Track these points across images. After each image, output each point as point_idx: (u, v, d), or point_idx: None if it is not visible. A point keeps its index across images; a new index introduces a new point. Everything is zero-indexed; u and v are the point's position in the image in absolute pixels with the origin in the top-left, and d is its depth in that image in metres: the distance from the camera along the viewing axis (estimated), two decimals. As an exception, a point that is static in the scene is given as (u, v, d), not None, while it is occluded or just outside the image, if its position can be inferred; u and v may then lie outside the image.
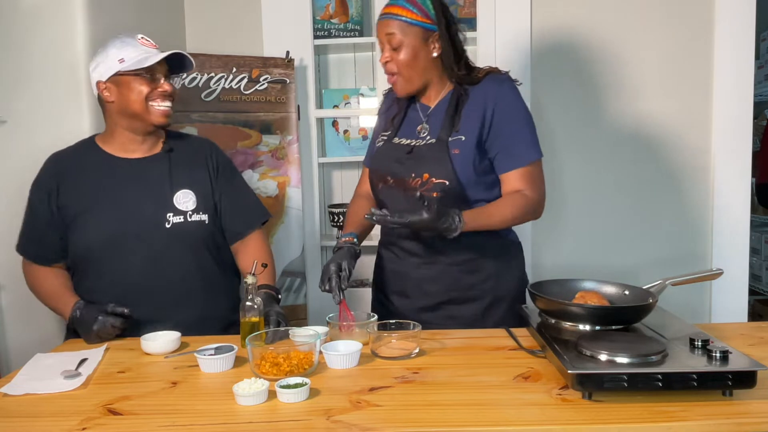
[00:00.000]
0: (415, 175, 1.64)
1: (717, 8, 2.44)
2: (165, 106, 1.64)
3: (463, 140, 1.62)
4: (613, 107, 2.52)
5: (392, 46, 1.61)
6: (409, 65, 1.62)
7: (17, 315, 1.93)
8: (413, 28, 1.59)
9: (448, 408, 1.10)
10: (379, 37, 1.64)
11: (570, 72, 2.52)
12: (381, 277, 1.81)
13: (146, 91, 1.61)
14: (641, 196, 2.55)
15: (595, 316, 1.33)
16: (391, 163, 1.70)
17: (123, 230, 1.62)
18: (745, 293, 2.52)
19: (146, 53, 1.61)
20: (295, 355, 1.26)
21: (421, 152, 1.66)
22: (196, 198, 1.69)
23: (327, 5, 2.68)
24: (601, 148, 2.54)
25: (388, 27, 1.60)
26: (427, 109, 1.72)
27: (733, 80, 2.44)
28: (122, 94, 1.62)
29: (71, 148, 1.74)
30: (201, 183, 1.72)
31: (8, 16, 1.87)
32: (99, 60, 1.64)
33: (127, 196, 1.65)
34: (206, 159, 1.77)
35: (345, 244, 1.65)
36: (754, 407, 1.07)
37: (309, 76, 2.64)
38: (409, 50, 1.61)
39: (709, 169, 2.52)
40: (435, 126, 1.68)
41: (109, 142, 1.70)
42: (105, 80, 1.62)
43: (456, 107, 1.66)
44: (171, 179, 1.69)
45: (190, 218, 1.67)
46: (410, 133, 1.72)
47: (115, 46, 1.62)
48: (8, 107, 1.88)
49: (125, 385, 1.25)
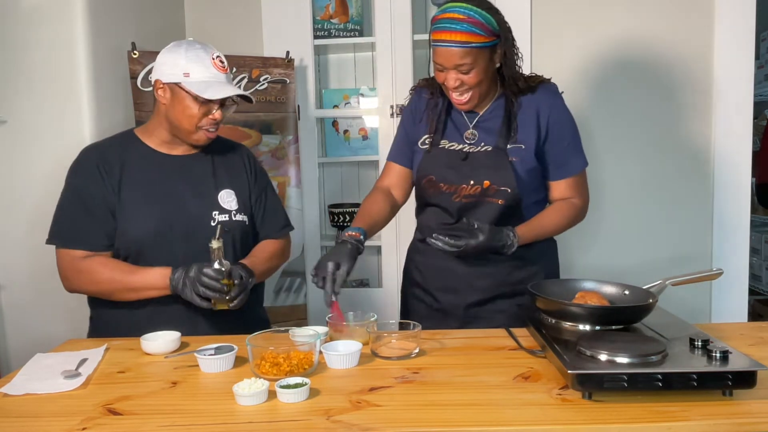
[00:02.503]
0: (474, 183, 1.64)
1: (717, 8, 2.44)
2: (210, 131, 1.63)
3: (522, 148, 1.64)
4: (613, 107, 2.52)
5: (462, 71, 1.55)
6: (480, 84, 1.59)
7: (17, 315, 1.93)
8: (482, 50, 1.54)
9: (448, 408, 1.10)
10: (442, 63, 1.56)
11: (569, 72, 2.52)
12: (422, 272, 1.78)
13: (198, 116, 1.59)
14: (641, 196, 2.55)
15: (595, 316, 1.33)
16: (444, 169, 1.68)
17: (170, 224, 1.60)
18: (745, 293, 2.52)
19: (213, 79, 1.57)
20: (295, 355, 1.26)
21: (479, 159, 1.65)
22: (237, 199, 1.71)
23: (327, 5, 2.68)
24: (600, 149, 2.54)
25: (457, 58, 1.52)
26: (475, 116, 1.70)
27: (733, 80, 2.44)
28: (174, 106, 1.59)
29: (110, 140, 1.70)
30: (241, 185, 1.74)
31: (8, 16, 1.88)
32: (167, 59, 1.58)
33: (175, 191, 1.64)
34: (245, 163, 1.79)
35: (350, 240, 1.60)
36: (754, 407, 1.07)
37: (309, 76, 2.64)
38: (481, 70, 1.56)
39: (709, 169, 2.52)
40: (486, 133, 1.67)
41: (150, 137, 1.67)
42: (164, 82, 1.58)
43: (510, 115, 1.65)
44: (215, 178, 1.70)
45: (234, 218, 1.68)
46: (457, 138, 1.70)
47: (187, 56, 1.57)
48: (8, 107, 1.88)
49: (125, 385, 1.25)
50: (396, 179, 1.82)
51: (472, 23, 1.50)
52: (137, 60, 2.20)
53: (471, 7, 1.51)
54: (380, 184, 1.84)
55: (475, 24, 1.51)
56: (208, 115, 1.59)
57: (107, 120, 2.02)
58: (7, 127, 1.89)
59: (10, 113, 1.89)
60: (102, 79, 2.00)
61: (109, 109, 2.05)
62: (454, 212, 1.69)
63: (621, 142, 2.53)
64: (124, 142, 1.68)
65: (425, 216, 1.78)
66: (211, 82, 1.57)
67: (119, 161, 1.63)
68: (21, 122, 1.90)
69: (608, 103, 2.52)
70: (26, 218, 1.91)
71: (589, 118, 2.52)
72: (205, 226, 1.63)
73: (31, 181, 1.90)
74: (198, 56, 1.57)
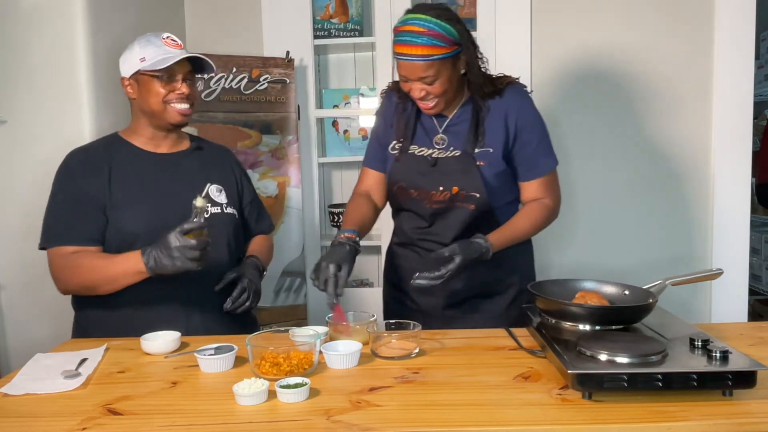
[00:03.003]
0: (443, 189, 1.65)
1: (717, 8, 2.44)
2: (182, 107, 1.65)
3: (490, 152, 1.65)
4: (613, 107, 2.52)
5: (426, 82, 1.56)
6: (446, 92, 1.60)
7: (17, 315, 1.93)
8: (445, 60, 1.54)
9: (448, 408, 1.10)
10: (406, 75, 1.57)
11: (570, 71, 2.52)
12: (399, 275, 1.79)
13: (163, 93, 1.62)
14: (641, 196, 2.55)
15: (595, 316, 1.33)
16: (413, 175, 1.68)
17: (164, 218, 1.60)
18: (745, 293, 2.52)
19: (167, 54, 1.61)
20: (295, 355, 1.26)
21: (448, 165, 1.65)
22: (226, 194, 1.74)
23: (327, 5, 2.68)
24: (600, 149, 2.54)
25: (420, 71, 1.53)
26: (444, 120, 1.70)
27: (733, 80, 2.44)
28: (142, 93, 1.64)
29: (95, 143, 1.73)
30: (229, 183, 1.78)
31: (8, 16, 1.87)
32: (125, 56, 1.65)
33: (165, 187, 1.66)
34: (231, 165, 1.84)
35: (347, 241, 1.60)
36: (754, 407, 1.07)
37: (309, 76, 2.64)
38: (445, 80, 1.57)
39: (709, 169, 2.52)
40: (455, 137, 1.68)
41: (134, 137, 1.70)
42: (128, 77, 1.64)
43: (478, 119, 1.66)
44: (204, 174, 1.72)
45: (225, 210, 1.71)
46: (427, 143, 1.70)
47: (140, 44, 1.63)
48: (8, 107, 1.88)
49: (125, 385, 1.25)
50: (373, 184, 1.82)
51: (432, 36, 1.50)
52: (137, 60, 2.19)
53: (430, 19, 1.51)
54: (359, 190, 1.84)
55: (435, 36, 1.50)
56: (174, 91, 1.63)
57: (107, 120, 2.02)
58: (7, 127, 1.88)
59: (10, 113, 1.88)
60: (102, 79, 2.00)
61: (109, 109, 2.05)
62: (427, 217, 1.70)
63: (621, 141, 2.53)
64: (109, 143, 1.71)
65: (400, 220, 1.79)
66: (165, 57, 1.60)
67: (107, 161, 1.64)
68: (21, 122, 1.90)
69: (608, 102, 2.52)
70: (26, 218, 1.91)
71: (590, 117, 2.53)
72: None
73: (31, 180, 1.90)
74: (149, 41, 1.63)
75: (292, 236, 2.58)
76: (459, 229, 1.68)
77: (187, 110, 1.67)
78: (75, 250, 1.58)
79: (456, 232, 1.68)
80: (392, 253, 1.84)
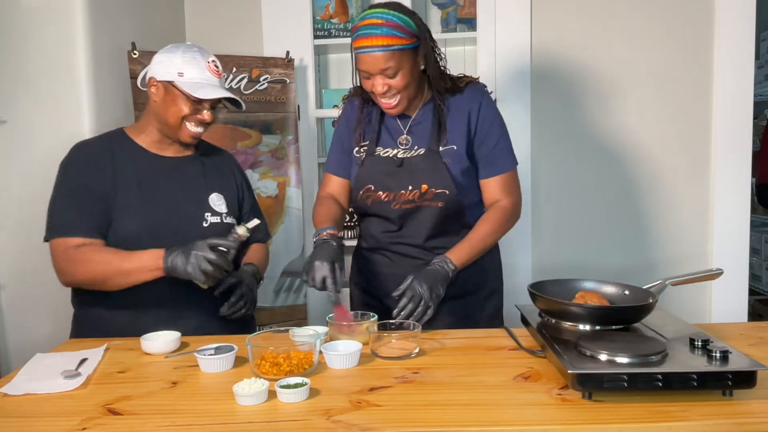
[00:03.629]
0: (412, 188, 1.65)
1: (717, 8, 2.44)
2: (197, 130, 1.65)
3: (454, 149, 1.66)
4: (613, 107, 2.53)
5: (388, 75, 1.56)
6: (407, 87, 1.60)
7: (17, 315, 1.93)
8: (405, 52, 1.55)
9: (448, 408, 1.10)
10: (367, 69, 1.57)
11: (570, 70, 2.52)
12: (369, 280, 1.79)
13: (186, 112, 1.61)
14: (642, 196, 2.55)
15: (595, 316, 1.33)
16: (381, 177, 1.69)
17: (165, 223, 1.61)
18: (745, 293, 2.52)
19: (207, 81, 1.60)
20: (295, 355, 1.26)
21: (414, 164, 1.66)
22: (226, 202, 1.73)
23: (327, 5, 2.68)
24: (600, 148, 2.54)
25: (381, 62, 1.54)
26: (408, 120, 1.71)
27: (733, 80, 2.44)
28: (165, 102, 1.62)
29: (100, 137, 1.72)
30: (230, 190, 1.77)
31: (8, 16, 1.88)
32: (163, 59, 1.62)
33: (167, 191, 1.65)
34: (232, 170, 1.83)
35: (331, 238, 1.60)
36: (754, 407, 1.07)
37: (309, 76, 2.64)
38: (406, 73, 1.57)
39: (709, 169, 2.52)
40: (419, 136, 1.69)
41: (141, 136, 1.69)
42: (158, 80, 1.62)
43: (440, 117, 1.67)
44: (206, 181, 1.72)
45: (224, 220, 1.70)
46: (391, 144, 1.71)
47: (184, 58, 1.60)
48: (8, 107, 1.88)
49: (125, 385, 1.25)
50: (337, 189, 1.82)
51: (392, 26, 1.52)
52: (137, 60, 2.19)
53: (389, 12, 1.54)
54: (323, 194, 1.83)
55: (395, 27, 1.52)
56: (196, 114, 1.62)
57: (107, 120, 2.02)
58: (7, 127, 1.88)
59: (10, 113, 1.88)
60: (102, 79, 2.00)
61: (109, 109, 2.05)
62: (395, 219, 1.70)
63: (621, 141, 2.53)
64: (115, 139, 1.69)
65: (367, 224, 1.79)
66: (204, 83, 1.60)
67: (111, 157, 1.63)
68: (20, 122, 1.90)
69: (608, 102, 2.52)
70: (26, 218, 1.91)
71: (590, 117, 2.53)
72: (197, 227, 1.65)
73: (31, 180, 1.90)
74: (194, 58, 1.61)
75: (292, 236, 2.58)
76: (429, 229, 1.68)
77: (200, 134, 1.67)
78: (81, 242, 1.56)
79: (427, 232, 1.69)
80: (361, 257, 1.83)
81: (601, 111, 2.53)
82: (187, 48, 1.63)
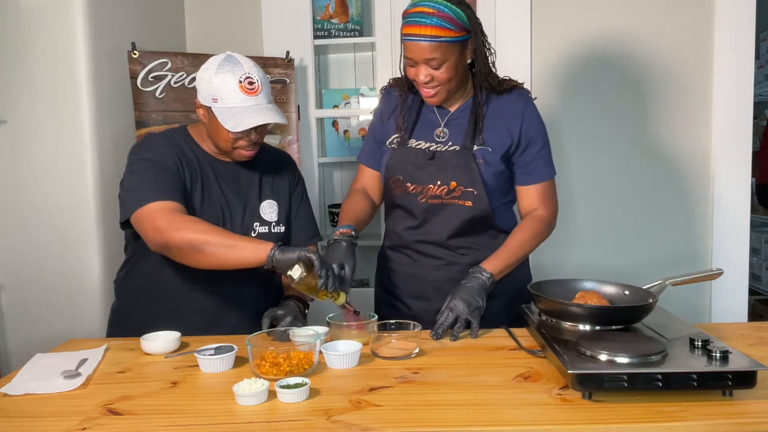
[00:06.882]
0: (441, 183, 1.64)
1: (717, 8, 2.44)
2: (248, 153, 1.61)
3: (489, 151, 1.64)
4: (613, 107, 2.52)
5: (432, 66, 1.54)
6: (451, 80, 1.58)
7: (17, 315, 1.93)
8: (452, 45, 1.52)
9: (448, 408, 1.10)
10: (413, 57, 1.54)
11: (569, 70, 2.52)
12: (391, 280, 1.78)
13: (232, 139, 1.57)
14: (641, 197, 2.55)
15: (595, 316, 1.33)
16: (411, 169, 1.67)
17: None
18: (745, 293, 2.52)
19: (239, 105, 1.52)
20: (295, 355, 1.26)
21: (446, 159, 1.64)
22: (278, 209, 1.71)
23: (327, 5, 2.68)
24: (600, 148, 2.54)
25: (427, 52, 1.51)
26: (446, 113, 1.69)
27: (733, 80, 2.44)
28: (212, 126, 1.58)
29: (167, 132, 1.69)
30: (283, 195, 1.74)
31: (8, 16, 1.88)
32: (202, 77, 1.56)
33: (222, 197, 1.63)
34: (288, 173, 1.78)
35: (343, 237, 1.59)
36: (754, 407, 1.07)
37: (309, 76, 2.64)
38: (451, 66, 1.54)
39: (709, 169, 2.52)
40: (456, 132, 1.67)
41: (202, 141, 1.66)
42: (201, 103, 1.58)
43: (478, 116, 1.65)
44: (260, 188, 1.69)
45: (273, 230, 1.68)
46: (427, 137, 1.69)
47: (216, 80, 1.52)
48: (8, 107, 1.88)
49: (125, 385, 1.25)
50: (369, 181, 1.82)
51: (442, 17, 1.49)
52: (137, 60, 2.19)
53: (441, 2, 1.50)
54: (356, 187, 1.84)
55: (445, 18, 1.49)
56: (243, 139, 1.57)
57: (107, 120, 2.02)
58: (7, 127, 1.89)
59: (10, 113, 1.89)
60: (102, 79, 2.00)
61: (109, 110, 2.05)
62: (419, 214, 1.69)
63: (621, 141, 2.53)
64: (180, 138, 1.66)
65: (391, 220, 1.78)
66: (238, 109, 1.52)
67: (181, 151, 1.62)
68: (21, 122, 1.90)
69: (608, 102, 2.52)
70: (26, 218, 1.91)
71: (590, 117, 2.53)
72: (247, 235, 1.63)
73: (31, 180, 1.90)
74: (225, 81, 1.52)
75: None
76: (454, 227, 1.66)
77: (252, 155, 1.62)
78: (178, 207, 1.50)
79: (451, 230, 1.67)
80: (384, 256, 1.82)
81: (600, 111, 2.53)
82: (220, 64, 1.54)
